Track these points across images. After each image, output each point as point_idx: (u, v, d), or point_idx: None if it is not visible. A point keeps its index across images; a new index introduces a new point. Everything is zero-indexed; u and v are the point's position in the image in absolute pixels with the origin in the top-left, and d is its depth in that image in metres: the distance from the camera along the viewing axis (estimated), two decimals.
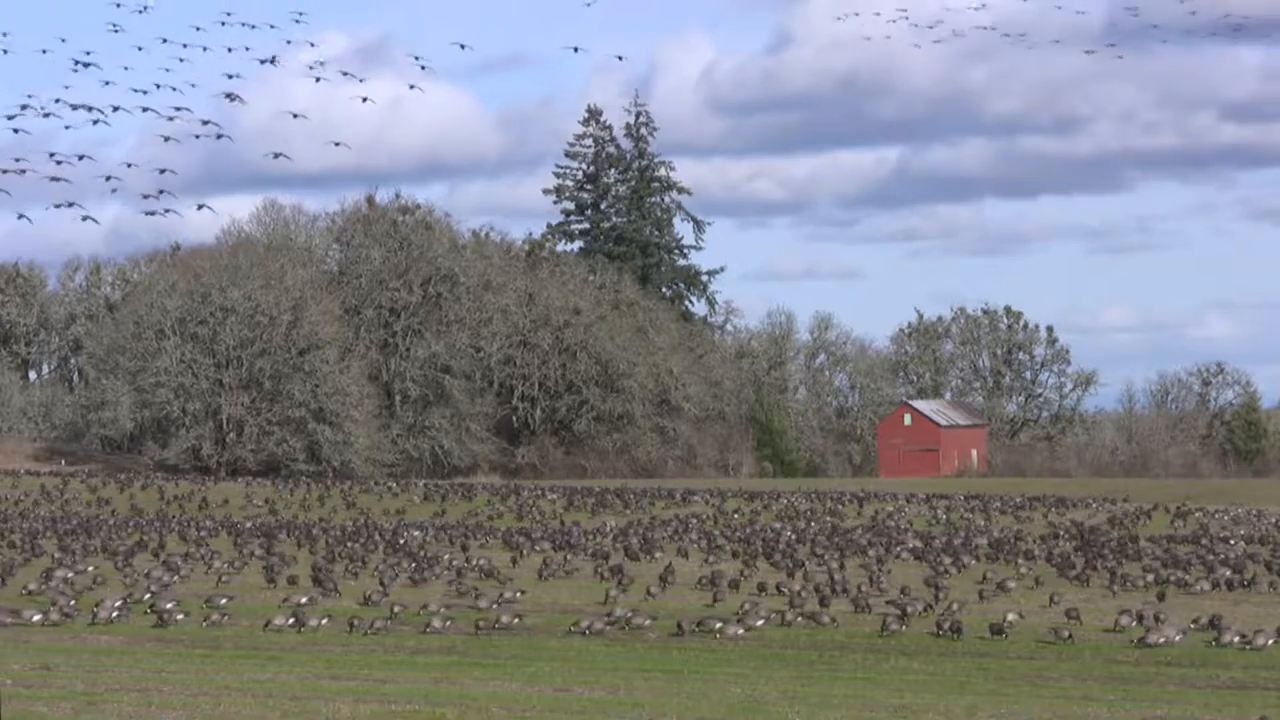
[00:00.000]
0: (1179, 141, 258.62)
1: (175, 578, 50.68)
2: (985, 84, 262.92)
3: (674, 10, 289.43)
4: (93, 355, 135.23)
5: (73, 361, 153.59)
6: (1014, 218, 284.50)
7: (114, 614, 41.99)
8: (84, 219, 40.50)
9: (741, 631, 39.93)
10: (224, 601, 44.66)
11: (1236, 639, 39.01)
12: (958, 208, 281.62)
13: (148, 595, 45.62)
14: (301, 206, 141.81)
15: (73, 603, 43.74)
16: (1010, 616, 40.84)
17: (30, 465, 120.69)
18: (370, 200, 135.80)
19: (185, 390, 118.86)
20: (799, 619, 41.72)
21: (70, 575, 49.99)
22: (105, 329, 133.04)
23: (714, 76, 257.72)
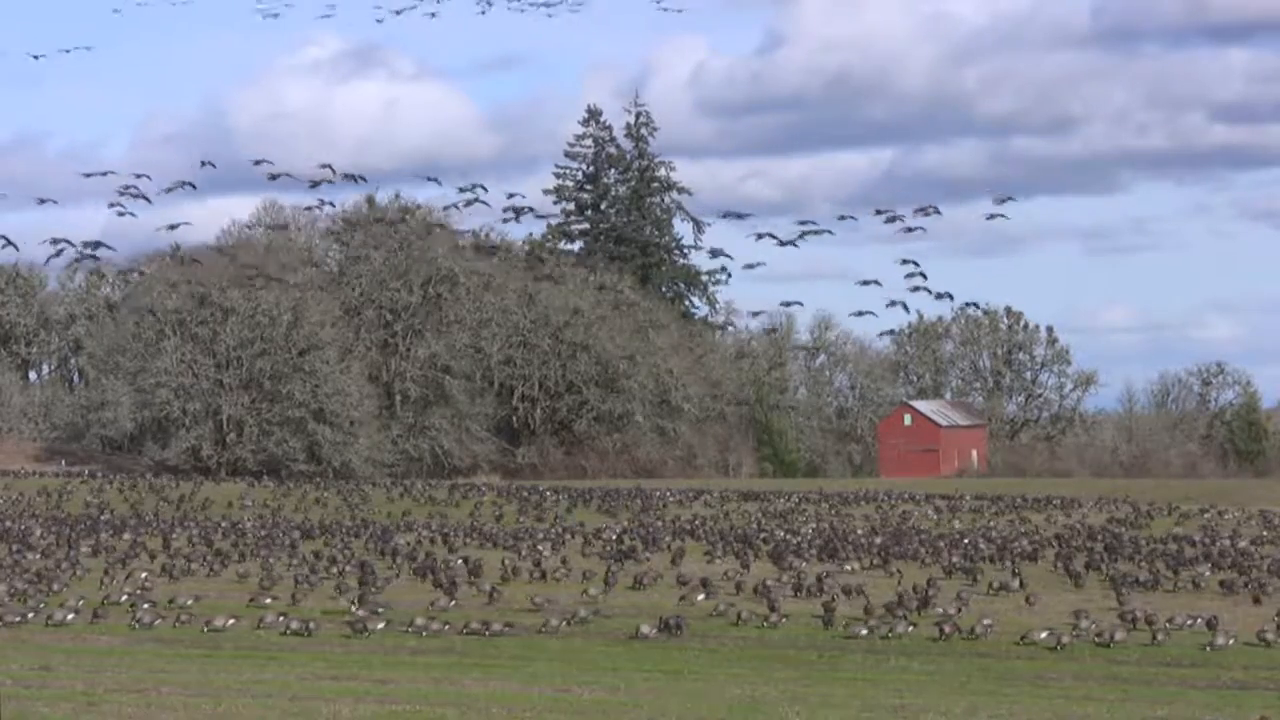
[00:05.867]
0: (1171, 143, 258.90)
1: (165, 578, 50.82)
2: (978, 85, 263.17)
3: (666, 11, 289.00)
4: (93, 355, 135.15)
5: (73, 362, 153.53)
6: (1009, 219, 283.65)
7: (69, 616, 42.11)
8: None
9: (654, 632, 40.15)
10: (189, 602, 44.77)
11: (1161, 636, 39.24)
12: (952, 209, 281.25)
13: (124, 597, 45.69)
14: (302, 207, 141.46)
15: (42, 604, 43.84)
16: (985, 621, 40.85)
17: (30, 465, 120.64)
18: (370, 201, 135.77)
19: (185, 390, 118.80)
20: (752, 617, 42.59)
21: (45, 575, 50.26)
22: (105, 329, 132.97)
23: (706, 78, 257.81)
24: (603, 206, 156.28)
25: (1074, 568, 53.46)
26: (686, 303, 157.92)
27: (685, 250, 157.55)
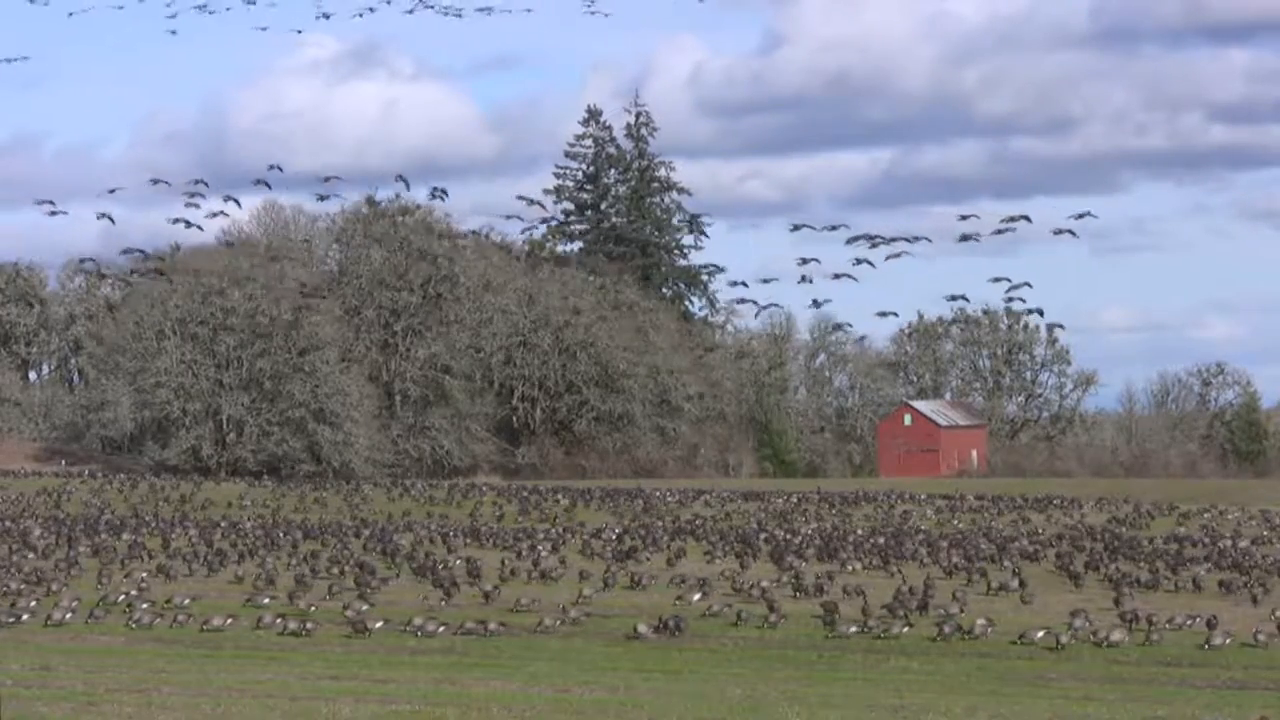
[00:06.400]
0: (1171, 143, 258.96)
1: (162, 578, 50.88)
2: (977, 85, 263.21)
3: (665, 11, 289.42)
4: (93, 355, 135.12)
5: (73, 362, 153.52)
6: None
7: (66, 615, 42.27)
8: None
9: (651, 633, 40.23)
10: (186, 602, 44.84)
11: (1154, 636, 39.27)
12: (952, 209, 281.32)
13: (122, 597, 45.76)
14: (302, 207, 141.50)
15: (34, 604, 43.95)
16: (979, 622, 40.85)
17: (30, 465, 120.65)
18: (370, 201, 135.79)
19: (185, 391, 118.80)
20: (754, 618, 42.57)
21: (39, 576, 50.35)
22: (105, 329, 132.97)
23: (705, 78, 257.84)
24: (603, 206, 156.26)
25: (1074, 568, 53.44)
26: (686, 303, 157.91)
27: (685, 250, 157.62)
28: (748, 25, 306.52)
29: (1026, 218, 48.72)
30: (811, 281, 49.92)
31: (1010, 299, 48.59)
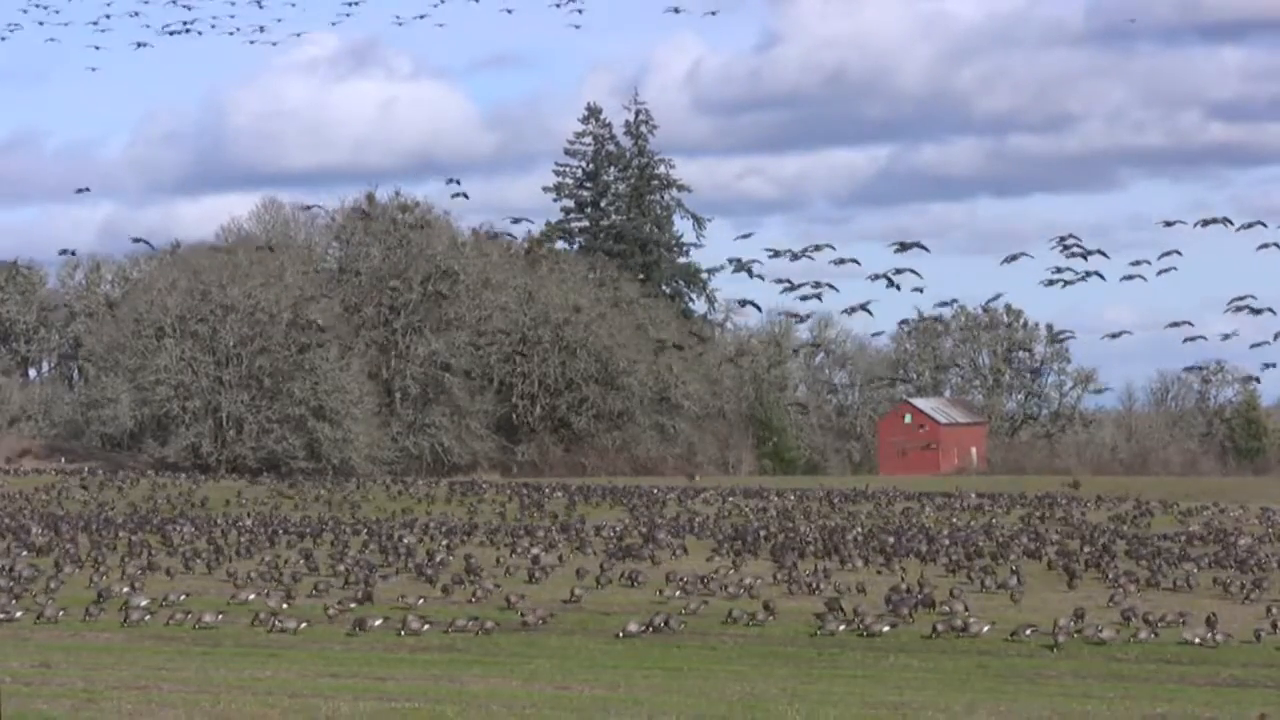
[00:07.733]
0: (1168, 140, 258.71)
1: (161, 575, 50.90)
2: (974, 83, 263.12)
3: (663, 9, 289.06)
4: (92, 353, 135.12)
5: (73, 360, 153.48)
6: (1007, 217, 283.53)
7: (60, 613, 42.43)
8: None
9: (640, 630, 40.30)
10: (182, 598, 44.91)
11: (1144, 634, 39.27)
12: (950, 206, 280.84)
13: (119, 594, 45.79)
14: (301, 204, 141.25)
15: (31, 601, 44.13)
16: (973, 619, 40.79)
17: (30, 463, 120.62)
18: (370, 198, 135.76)
19: (185, 388, 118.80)
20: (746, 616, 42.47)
21: (32, 573, 50.39)
22: (105, 327, 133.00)
23: (703, 75, 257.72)
24: (602, 204, 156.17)
25: (1073, 566, 53.46)
26: (686, 300, 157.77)
27: (685, 248, 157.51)
28: (745, 23, 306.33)
29: (1262, 224, 48.37)
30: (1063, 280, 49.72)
31: (1240, 307, 48.59)
